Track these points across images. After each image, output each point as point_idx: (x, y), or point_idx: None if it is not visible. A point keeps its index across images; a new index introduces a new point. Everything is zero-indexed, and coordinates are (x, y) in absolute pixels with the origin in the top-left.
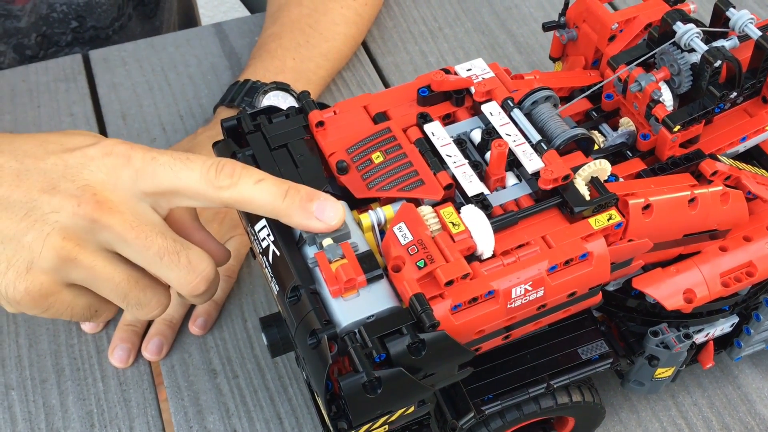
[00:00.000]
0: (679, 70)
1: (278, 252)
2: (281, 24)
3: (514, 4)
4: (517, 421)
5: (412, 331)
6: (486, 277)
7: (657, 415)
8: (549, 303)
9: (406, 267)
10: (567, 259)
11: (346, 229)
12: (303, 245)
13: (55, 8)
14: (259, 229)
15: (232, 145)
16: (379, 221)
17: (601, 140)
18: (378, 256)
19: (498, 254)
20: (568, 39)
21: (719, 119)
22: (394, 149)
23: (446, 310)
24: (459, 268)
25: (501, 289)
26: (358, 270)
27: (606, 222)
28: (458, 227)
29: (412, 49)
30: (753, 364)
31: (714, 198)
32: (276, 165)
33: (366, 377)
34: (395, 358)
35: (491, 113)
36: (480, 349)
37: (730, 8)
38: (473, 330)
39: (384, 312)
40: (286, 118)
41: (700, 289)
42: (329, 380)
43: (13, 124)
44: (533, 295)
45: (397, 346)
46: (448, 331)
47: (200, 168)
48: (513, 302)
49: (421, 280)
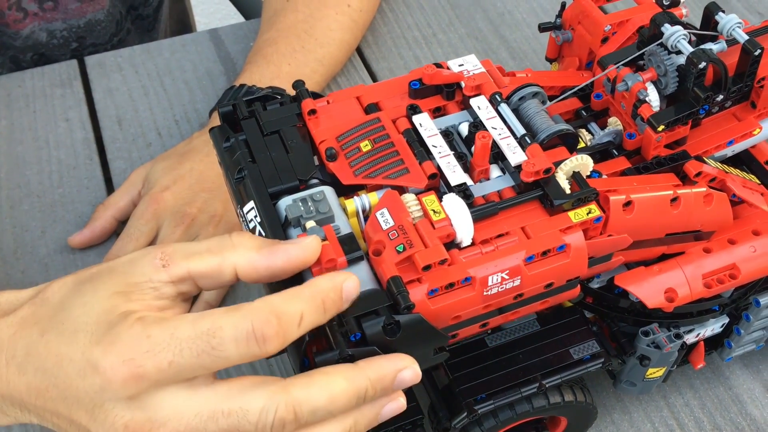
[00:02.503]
0: (666, 71)
1: (264, 233)
2: (277, 29)
3: (508, 10)
4: (510, 420)
5: (388, 313)
6: (464, 264)
7: (649, 416)
8: (526, 293)
9: (386, 251)
10: (544, 249)
11: (331, 212)
12: (288, 227)
13: (56, 35)
14: (247, 210)
15: (227, 130)
16: (364, 207)
17: (588, 138)
18: (362, 241)
19: (477, 243)
20: (563, 40)
21: (708, 122)
22: (382, 138)
23: (423, 294)
24: (437, 253)
25: (478, 276)
26: (339, 251)
27: (585, 216)
28: (439, 215)
29: (406, 55)
30: (744, 365)
31: (697, 198)
32: (267, 150)
33: (339, 355)
34: (370, 337)
35: (479, 107)
36: (457, 335)
37: (719, 12)
38: (449, 315)
39: (363, 294)
40: (280, 106)
41: (681, 289)
42: (306, 357)
43: (9, 129)
44: (510, 283)
45: (373, 327)
46: (424, 315)
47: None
48: (489, 290)
49: (400, 264)
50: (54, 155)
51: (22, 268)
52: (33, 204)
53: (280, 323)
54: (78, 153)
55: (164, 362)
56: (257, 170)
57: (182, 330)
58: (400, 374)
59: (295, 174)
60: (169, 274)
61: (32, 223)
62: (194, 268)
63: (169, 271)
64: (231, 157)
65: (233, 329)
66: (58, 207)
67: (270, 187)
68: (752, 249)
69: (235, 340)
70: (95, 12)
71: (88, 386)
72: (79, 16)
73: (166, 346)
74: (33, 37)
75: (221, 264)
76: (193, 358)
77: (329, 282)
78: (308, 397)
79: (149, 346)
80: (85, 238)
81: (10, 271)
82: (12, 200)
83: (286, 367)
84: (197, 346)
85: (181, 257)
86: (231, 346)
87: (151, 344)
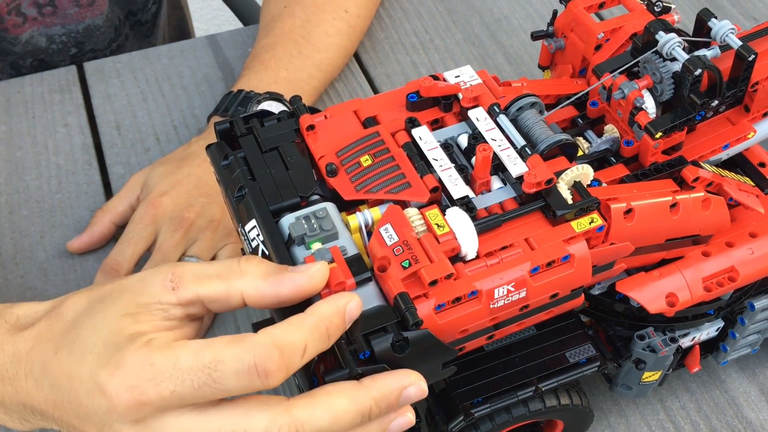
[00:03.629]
0: (662, 78)
1: (267, 252)
2: (275, 35)
3: (504, 16)
4: (506, 424)
5: (396, 330)
6: (469, 278)
7: (645, 419)
8: (531, 304)
9: (391, 267)
10: (549, 260)
11: (334, 229)
12: (292, 245)
13: (55, 40)
14: (249, 229)
15: (224, 148)
16: (367, 222)
17: (585, 146)
18: (365, 257)
19: (482, 255)
20: (556, 48)
21: (702, 127)
22: (383, 153)
23: (430, 310)
24: (443, 268)
25: (484, 289)
26: (348, 274)
27: (588, 225)
28: (443, 229)
29: (403, 60)
30: (739, 368)
31: (695, 204)
32: (267, 167)
33: (350, 373)
34: (379, 355)
35: (477, 119)
36: (464, 349)
37: (712, 18)
38: (457, 329)
39: (370, 311)
40: (277, 122)
41: (682, 294)
42: (314, 376)
43: (8, 134)
44: (516, 295)
45: (382, 344)
46: (431, 330)
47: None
48: (496, 302)
49: (406, 280)
50: (53, 160)
51: (21, 272)
52: (32, 209)
53: (283, 356)
54: (77, 158)
55: (166, 391)
56: (257, 188)
57: (184, 360)
58: (405, 391)
59: (296, 191)
60: (177, 297)
61: (31, 228)
62: (203, 292)
63: (178, 294)
64: (230, 175)
65: (235, 362)
66: (57, 212)
67: (271, 204)
68: (750, 251)
69: (236, 373)
70: (94, 17)
71: (96, 407)
72: (78, 21)
73: (169, 376)
74: (32, 42)
75: (228, 290)
76: (194, 389)
77: (332, 307)
78: (311, 418)
79: (152, 375)
80: (84, 243)
81: (9, 276)
82: (11, 205)
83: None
84: (199, 378)
85: (190, 280)
86: (232, 380)
87: (154, 373)
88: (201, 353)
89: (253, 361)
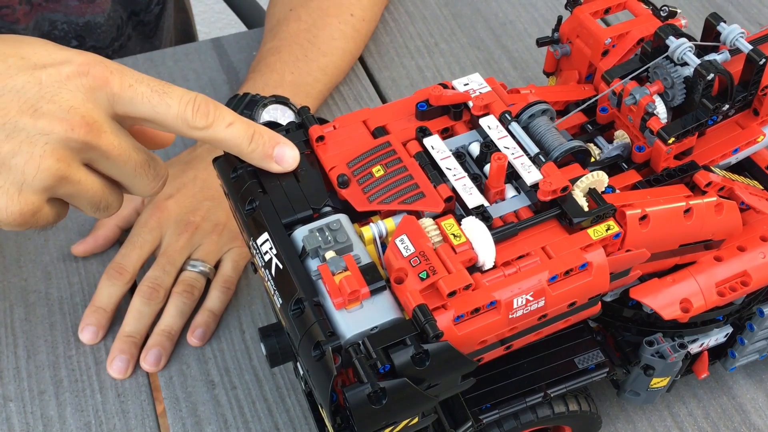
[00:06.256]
0: (673, 83)
1: (281, 265)
2: (280, 38)
3: (509, 20)
4: (514, 430)
5: (416, 342)
6: (488, 288)
7: (653, 426)
8: (550, 313)
9: (408, 278)
10: (567, 269)
11: (349, 241)
12: (306, 258)
13: (57, 26)
14: (261, 243)
15: (232, 160)
16: (381, 234)
17: (597, 153)
18: (380, 268)
19: (499, 265)
20: (561, 54)
21: (712, 131)
22: (395, 163)
23: (449, 321)
24: (461, 279)
25: (503, 299)
26: (362, 282)
27: (604, 232)
28: (459, 239)
29: (408, 64)
30: (747, 375)
31: (709, 208)
32: (277, 179)
33: (371, 388)
34: (399, 368)
35: (489, 127)
36: (482, 360)
37: (720, 23)
38: (476, 340)
39: (387, 323)
40: (286, 133)
41: (696, 299)
42: (333, 392)
43: None
44: (534, 305)
45: (402, 357)
46: (451, 342)
47: (177, 106)
48: (515, 312)
49: (424, 292)
50: None
51: (25, 275)
52: None
53: (217, 110)
54: None
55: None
56: (269, 201)
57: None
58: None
59: (308, 203)
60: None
61: (35, 231)
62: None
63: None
64: (240, 187)
65: (183, 92)
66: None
67: (284, 218)
68: (762, 255)
69: (179, 97)
70: (95, 14)
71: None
72: (79, 14)
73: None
74: (38, 28)
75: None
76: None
77: (271, 133)
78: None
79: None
80: (89, 246)
81: (13, 279)
82: None
83: (290, 377)
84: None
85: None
86: (175, 101)
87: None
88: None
89: (196, 97)
